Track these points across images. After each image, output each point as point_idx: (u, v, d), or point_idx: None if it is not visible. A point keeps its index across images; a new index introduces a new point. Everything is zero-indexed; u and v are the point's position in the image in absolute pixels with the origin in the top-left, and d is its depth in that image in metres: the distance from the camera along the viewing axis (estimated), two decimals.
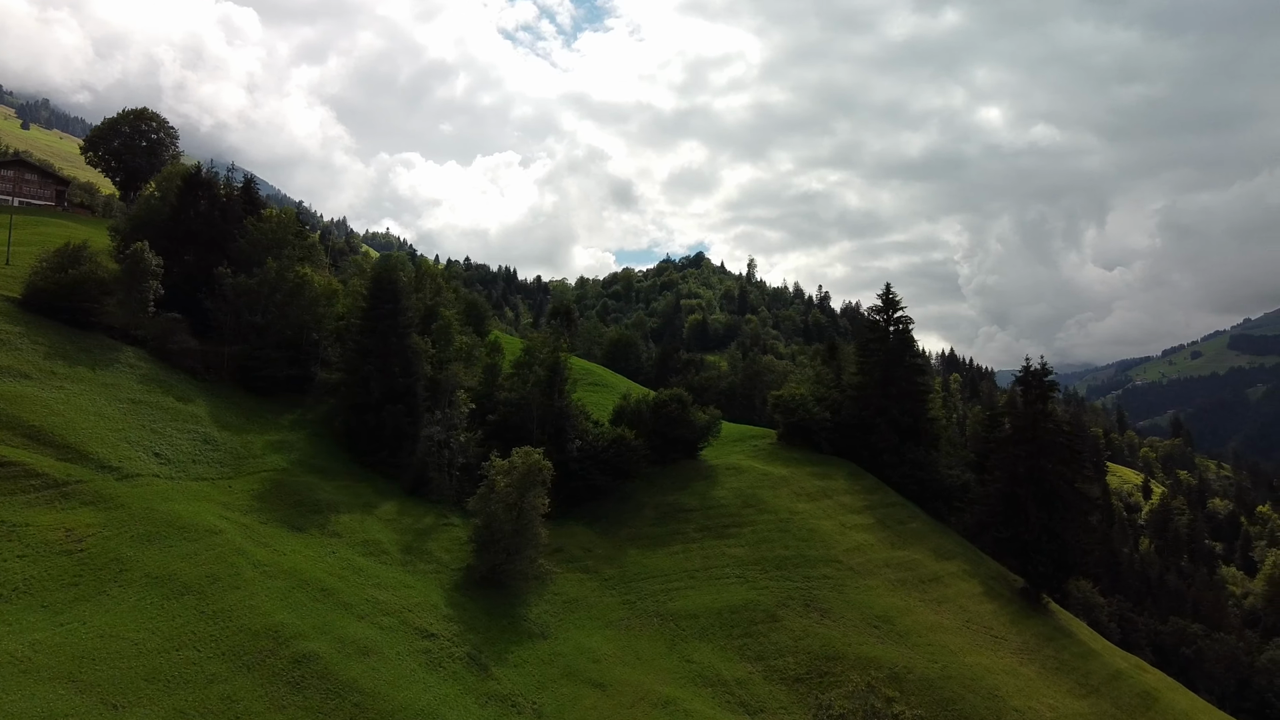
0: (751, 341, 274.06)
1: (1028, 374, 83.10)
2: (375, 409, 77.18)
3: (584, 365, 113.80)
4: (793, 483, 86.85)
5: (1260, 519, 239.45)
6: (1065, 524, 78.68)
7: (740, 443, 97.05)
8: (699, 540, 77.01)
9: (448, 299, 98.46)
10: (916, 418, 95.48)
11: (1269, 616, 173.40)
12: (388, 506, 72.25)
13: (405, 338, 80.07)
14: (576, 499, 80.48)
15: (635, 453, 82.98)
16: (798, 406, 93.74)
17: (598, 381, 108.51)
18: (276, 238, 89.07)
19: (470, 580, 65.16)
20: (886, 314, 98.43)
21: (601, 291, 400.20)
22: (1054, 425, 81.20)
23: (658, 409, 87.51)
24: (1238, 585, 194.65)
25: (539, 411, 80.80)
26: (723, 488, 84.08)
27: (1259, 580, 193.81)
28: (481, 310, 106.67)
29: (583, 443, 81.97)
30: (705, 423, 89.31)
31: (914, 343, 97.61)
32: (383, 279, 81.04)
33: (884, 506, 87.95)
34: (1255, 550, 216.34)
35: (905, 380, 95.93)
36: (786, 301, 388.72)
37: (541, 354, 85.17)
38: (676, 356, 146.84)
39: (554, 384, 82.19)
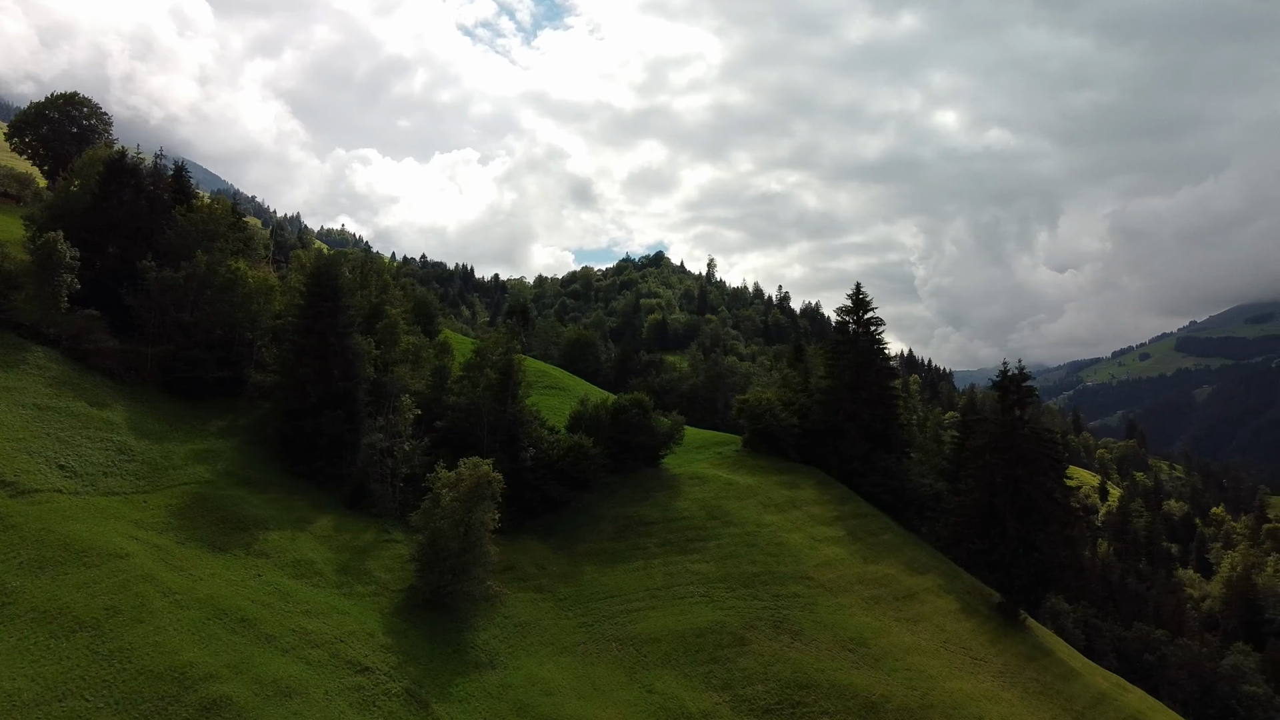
0: (712, 342, 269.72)
1: (1005, 379, 79.04)
2: (312, 415, 70.97)
3: (540, 367, 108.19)
4: (760, 493, 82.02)
5: (1214, 520, 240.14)
6: (1043, 536, 74.68)
7: (704, 450, 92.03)
8: (661, 555, 71.86)
9: (394, 297, 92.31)
10: (888, 424, 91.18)
11: (1227, 620, 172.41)
12: (324, 521, 66.15)
13: (346, 338, 73.92)
14: (530, 511, 74.97)
15: (593, 462, 77.62)
16: (764, 412, 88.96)
17: (554, 384, 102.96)
18: (208, 229, 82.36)
19: (413, 603, 59.42)
20: (856, 315, 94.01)
21: (560, 290, 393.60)
22: (1032, 433, 77.16)
23: (617, 415, 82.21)
24: (1195, 588, 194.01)
25: (490, 418, 75.11)
26: (686, 499, 78.99)
27: (1216, 583, 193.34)
28: (431, 308, 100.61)
29: (537, 451, 76.43)
30: (668, 429, 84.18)
31: (885, 346, 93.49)
32: (322, 275, 74.78)
33: (855, 517, 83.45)
34: (1211, 552, 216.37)
35: (876, 385, 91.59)
36: (746, 301, 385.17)
37: (493, 356, 79.47)
38: (636, 358, 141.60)
39: (506, 388, 76.53)
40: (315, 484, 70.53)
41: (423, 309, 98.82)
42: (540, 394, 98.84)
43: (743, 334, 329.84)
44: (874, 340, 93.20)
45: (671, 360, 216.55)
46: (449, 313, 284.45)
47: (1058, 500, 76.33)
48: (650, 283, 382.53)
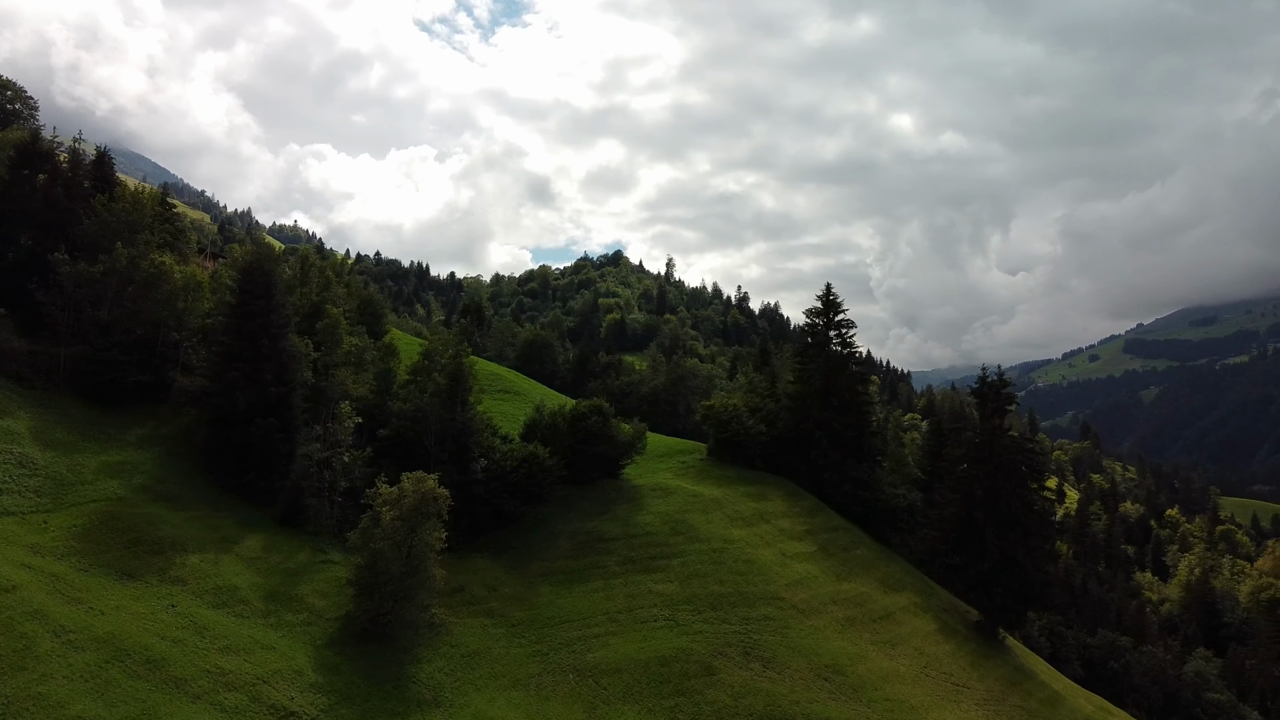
0: (671, 342, 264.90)
1: (984, 386, 74.92)
2: (242, 423, 64.62)
3: (494, 370, 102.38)
4: (726, 505, 77.10)
5: (1169, 523, 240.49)
6: (1025, 551, 70.67)
7: (667, 458, 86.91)
8: (622, 575, 66.59)
9: (337, 295, 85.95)
10: (860, 432, 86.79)
11: (1187, 625, 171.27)
12: (252, 541, 59.97)
13: (280, 339, 67.66)
14: (481, 527, 69.40)
15: (549, 473, 72.13)
16: (730, 419, 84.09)
17: (508, 388, 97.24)
18: (132, 220, 75.46)
19: (349, 633, 53.64)
20: (826, 317, 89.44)
21: (517, 289, 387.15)
22: (1013, 443, 73.13)
23: (575, 423, 76.78)
24: (1154, 591, 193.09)
25: (438, 426, 69.28)
26: (649, 512, 73.78)
27: (1174, 587, 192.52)
28: (378, 307, 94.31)
29: (489, 462, 70.79)
30: (629, 438, 78.92)
31: (856, 350, 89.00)
32: (254, 270, 68.38)
33: (826, 531, 78.90)
34: (1167, 555, 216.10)
35: (847, 390, 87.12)
36: (705, 302, 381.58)
37: (442, 359, 73.65)
38: (595, 359, 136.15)
39: (456, 393, 70.76)
40: (245, 499, 64.25)
41: (368, 308, 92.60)
42: (494, 399, 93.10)
43: (702, 334, 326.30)
44: (845, 344, 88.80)
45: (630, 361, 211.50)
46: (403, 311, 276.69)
47: (1039, 513, 72.41)
48: (609, 282, 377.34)
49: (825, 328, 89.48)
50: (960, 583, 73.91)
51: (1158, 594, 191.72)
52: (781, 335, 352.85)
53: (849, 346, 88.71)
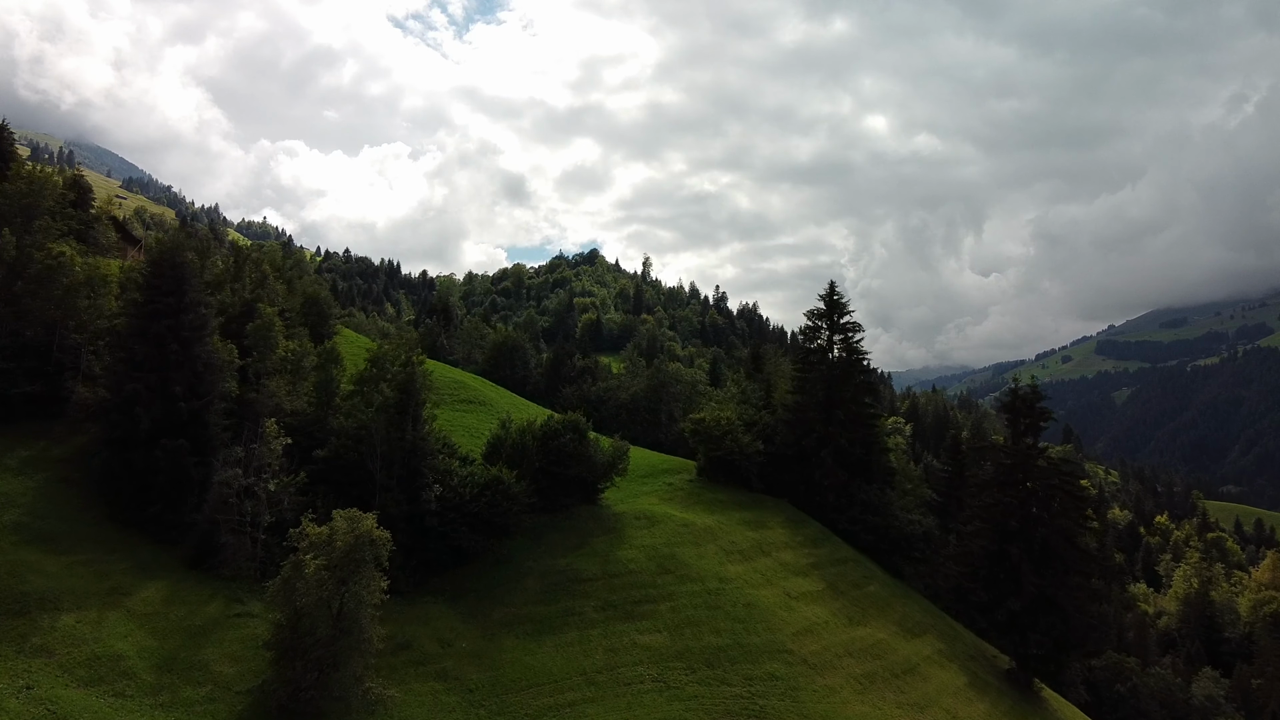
0: (649, 343, 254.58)
1: (1015, 399, 64.95)
2: (145, 444, 53.45)
3: (457, 377, 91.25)
4: (720, 536, 66.64)
5: (1160, 529, 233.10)
6: (1066, 590, 60.80)
7: (650, 479, 76.28)
8: (601, 623, 55.93)
9: (275, 292, 74.61)
10: (868, 449, 76.63)
11: (1188, 641, 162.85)
12: (151, 591, 48.89)
13: (194, 343, 56.44)
14: (435, 566, 58.54)
15: (515, 501, 61.27)
16: (724, 435, 73.58)
17: (473, 398, 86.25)
18: (27, 203, 63.88)
19: (263, 711, 42.66)
20: (829, 319, 79.12)
21: (491, 288, 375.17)
22: (1050, 466, 63.21)
23: (547, 441, 66.00)
24: (1149, 604, 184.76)
25: (384, 447, 58.25)
26: (632, 546, 63.13)
27: (1170, 599, 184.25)
28: (324, 305, 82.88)
29: (445, 489, 59.83)
30: (609, 457, 68.27)
31: (865, 356, 78.77)
32: (163, 262, 57.09)
33: (834, 564, 68.64)
34: (1160, 564, 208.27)
35: (854, 403, 76.93)
36: (682, 301, 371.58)
37: (392, 366, 62.63)
38: (570, 363, 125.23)
39: (406, 408, 59.75)
40: (148, 537, 53.15)
41: (314, 307, 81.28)
42: (455, 410, 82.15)
43: (680, 335, 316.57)
44: (851, 349, 78.55)
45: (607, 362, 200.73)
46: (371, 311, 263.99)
47: (1082, 547, 62.52)
48: (584, 281, 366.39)
49: (828, 331, 79.14)
50: (988, 624, 63.94)
51: (1153, 606, 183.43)
52: (761, 336, 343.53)
53: (855, 352, 78.52)
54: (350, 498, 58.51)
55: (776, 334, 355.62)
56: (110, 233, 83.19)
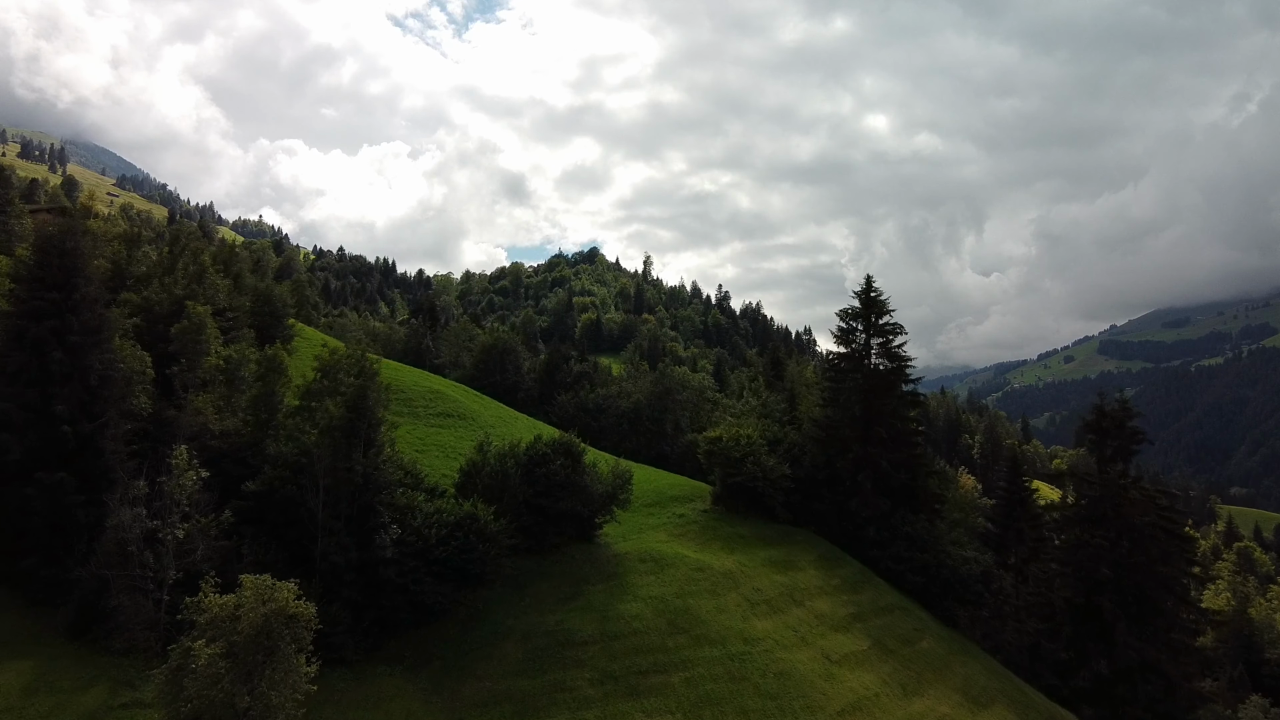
0: (650, 344, 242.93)
1: (1101, 418, 53.15)
2: (17, 479, 41.63)
3: (433, 386, 79.01)
4: (743, 581, 54.65)
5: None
6: (1169, 653, 48.93)
7: (658, 509, 64.25)
8: (599, 702, 44.02)
9: (214, 287, 62.68)
10: (913, 473, 64.72)
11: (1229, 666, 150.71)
12: (10, 675, 37.10)
13: (86, 351, 44.57)
14: (392, 626, 46.66)
15: (494, 543, 49.34)
16: (745, 457, 61.55)
17: (451, 410, 74.20)
18: None
19: None
20: (867, 320, 67.13)
21: (488, 287, 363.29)
22: (1146, 499, 51.35)
23: (533, 468, 54.01)
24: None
25: (328, 478, 46.30)
26: (636, 597, 51.13)
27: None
28: (276, 305, 70.41)
29: (405, 530, 47.87)
30: (608, 486, 56.27)
31: (907, 363, 66.82)
32: (50, 249, 45.16)
33: (878, 613, 56.64)
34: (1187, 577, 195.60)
35: (896, 418, 65.09)
36: (684, 301, 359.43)
37: (344, 380, 50.62)
38: (566, 368, 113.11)
39: (357, 429, 47.77)
40: (20, 598, 41.37)
41: (265, 305, 69.24)
42: (430, 426, 70.23)
43: (682, 335, 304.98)
44: (891, 355, 66.67)
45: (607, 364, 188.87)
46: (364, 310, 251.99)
47: (1188, 599, 50.63)
48: (584, 280, 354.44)
49: (864, 333, 67.15)
50: (1070, 690, 52.02)
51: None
52: (766, 336, 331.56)
53: (897, 359, 66.61)
54: (286, 542, 46.83)
55: (781, 334, 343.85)
56: (26, 220, 71.17)
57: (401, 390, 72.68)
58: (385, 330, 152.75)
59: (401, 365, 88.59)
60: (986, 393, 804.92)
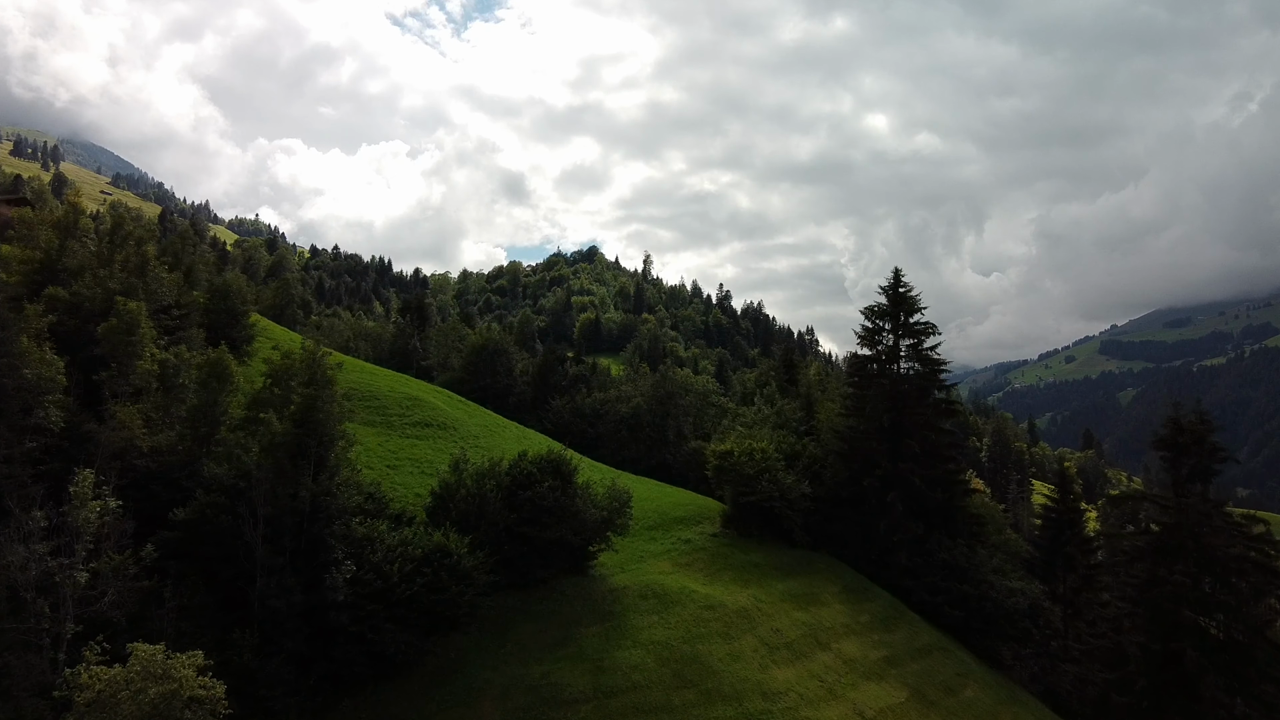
0: (650, 344, 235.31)
1: (1178, 431, 45.30)
2: None
3: (410, 392, 70.88)
4: (760, 620, 46.99)
5: None
6: (1262, 709, 41.22)
7: (661, 532, 56.48)
8: None
9: (158, 280, 54.90)
10: (950, 491, 57.11)
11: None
12: None
13: None
14: (346, 682, 38.99)
15: (469, 580, 41.70)
16: (760, 474, 53.87)
17: (431, 419, 66.33)
18: None
19: None
20: (895, 319, 59.43)
21: (485, 286, 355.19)
22: (1229, 526, 43.69)
23: (516, 490, 46.31)
24: None
25: (269, 507, 38.56)
26: (637, 643, 43.45)
27: None
28: (234, 301, 62.52)
29: (363, 567, 40.12)
30: (605, 509, 48.54)
31: (942, 367, 59.13)
32: None
33: (915, 655, 48.97)
34: None
35: (930, 429, 57.49)
36: (685, 300, 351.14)
37: (295, 387, 42.89)
38: (562, 370, 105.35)
39: (305, 449, 40.06)
40: None
41: (220, 301, 61.49)
42: (408, 438, 62.48)
43: (682, 335, 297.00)
44: (924, 359, 59.01)
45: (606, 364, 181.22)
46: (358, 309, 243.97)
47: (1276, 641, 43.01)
48: (583, 279, 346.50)
49: (893, 334, 59.45)
50: None
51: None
52: (768, 336, 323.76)
53: (930, 362, 58.98)
54: (220, 582, 39.15)
55: (784, 334, 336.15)
56: None
57: (375, 397, 65.01)
58: (377, 330, 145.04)
59: (379, 369, 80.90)
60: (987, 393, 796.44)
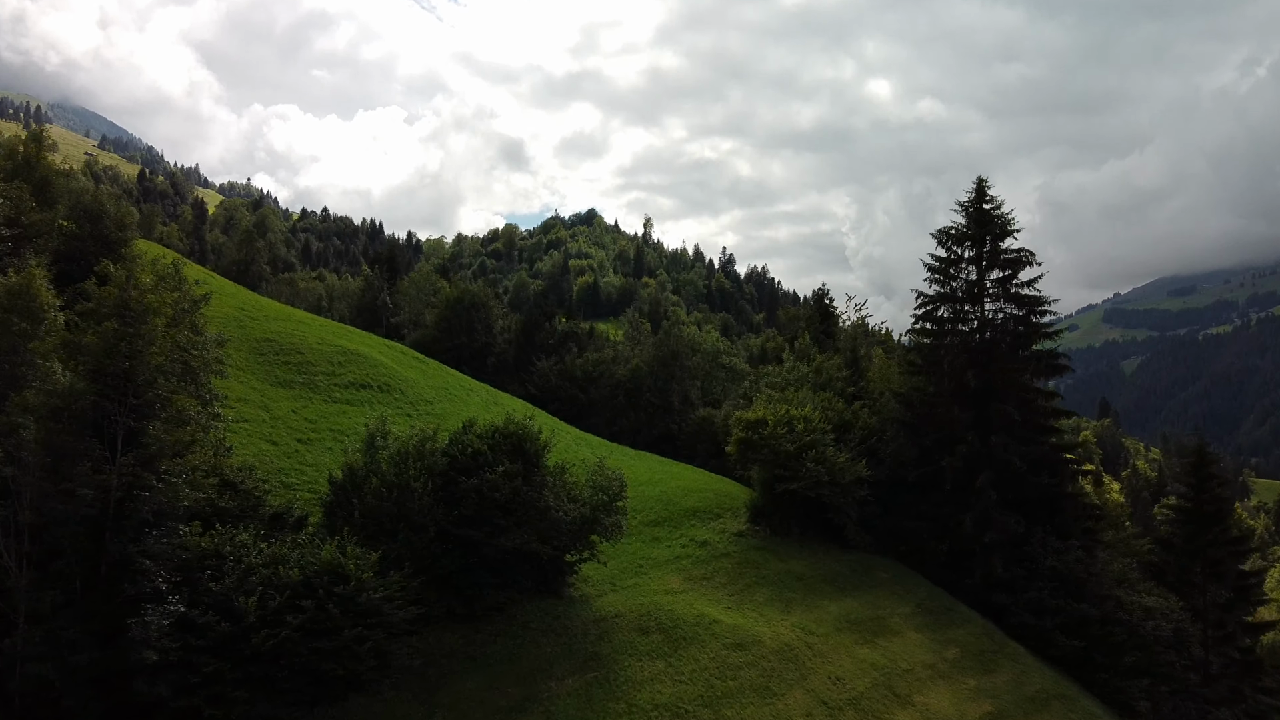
0: (652, 307, 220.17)
1: None
2: None
3: (347, 345, 53.60)
4: (811, 665, 32.07)
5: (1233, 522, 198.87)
6: None
7: (667, 529, 41.29)
8: None
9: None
10: (1057, 476, 42.10)
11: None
12: None
13: None
14: None
15: (376, 617, 26.66)
16: (802, 450, 38.74)
17: (369, 379, 50.14)
18: None
19: None
20: (978, 244, 43.99)
21: (480, 250, 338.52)
22: None
23: (455, 479, 31.06)
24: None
25: (35, 513, 23.51)
26: (634, 707, 28.44)
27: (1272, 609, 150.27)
28: (106, 221, 46.25)
29: (198, 604, 25.06)
30: (590, 504, 33.23)
31: (1043, 307, 43.80)
32: None
33: (1028, 709, 34.06)
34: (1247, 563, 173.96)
35: (1026, 392, 42.45)
36: (687, 265, 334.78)
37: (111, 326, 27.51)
38: (548, 327, 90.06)
39: (105, 419, 24.92)
40: None
41: (90, 224, 45.86)
42: (334, 402, 47.09)
43: (684, 300, 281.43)
44: (1021, 299, 43.70)
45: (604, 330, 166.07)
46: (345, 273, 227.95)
47: None
48: (580, 242, 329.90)
49: (976, 265, 44.04)
50: None
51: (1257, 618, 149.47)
52: (774, 301, 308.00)
53: (1028, 305, 43.69)
54: None
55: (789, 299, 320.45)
56: None
57: (297, 350, 49.71)
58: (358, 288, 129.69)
59: (311, 318, 65.20)
60: None
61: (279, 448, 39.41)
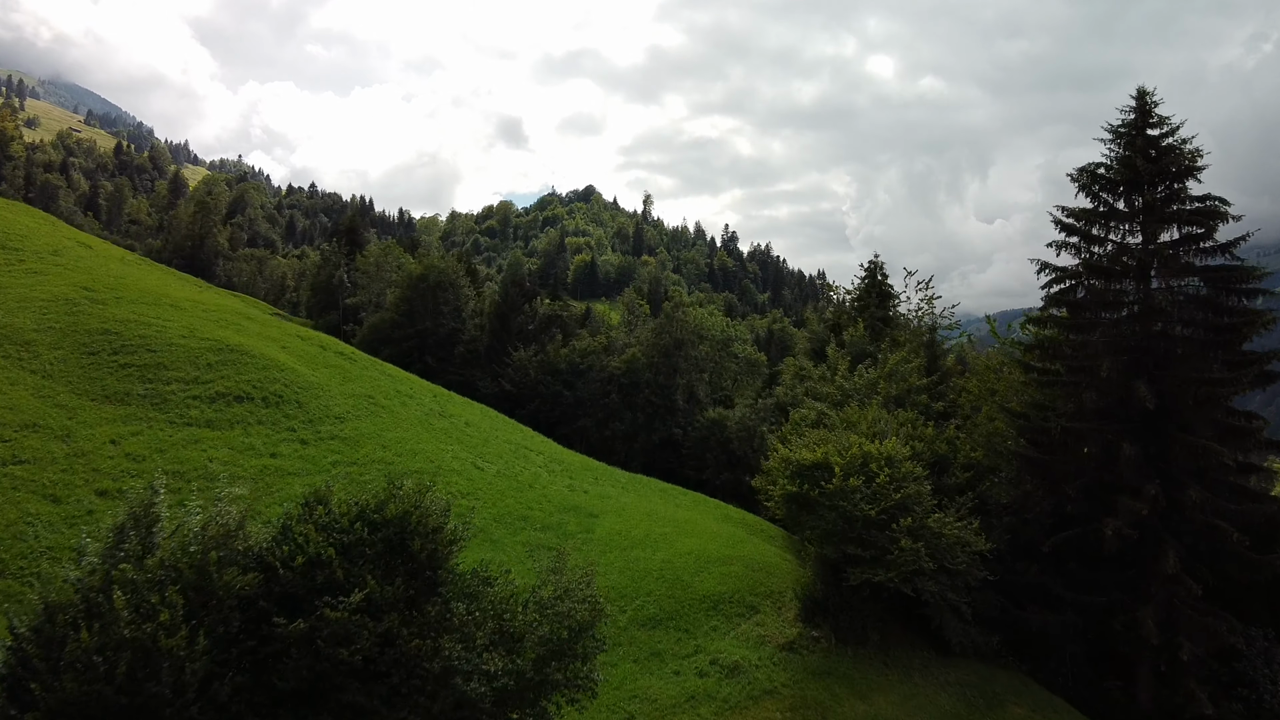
0: (651, 286, 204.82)
1: None
2: None
3: (227, 340, 38.06)
4: None
5: None
6: None
7: (673, 634, 25.94)
8: None
9: None
10: (1276, 531, 27.44)
11: None
12: None
13: None
14: None
15: None
16: (888, 517, 23.77)
17: (252, 391, 34.25)
18: None
19: None
20: (1137, 194, 28.90)
21: (474, 227, 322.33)
22: None
23: (268, 616, 16.07)
24: None
25: None
26: None
27: None
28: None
29: None
30: (528, 663, 18.09)
31: (1246, 286, 28.85)
32: None
33: None
34: None
35: (1230, 421, 27.65)
36: (687, 243, 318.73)
37: None
38: (529, 308, 74.70)
39: None
40: None
41: None
42: (197, 425, 32.05)
43: (685, 279, 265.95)
44: (1213, 276, 28.68)
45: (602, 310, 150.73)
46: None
47: None
48: (578, 220, 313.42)
49: (1138, 222, 28.99)
50: None
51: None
52: (778, 280, 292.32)
53: (1224, 284, 28.71)
54: None
55: (794, 278, 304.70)
56: None
57: (148, 348, 34.49)
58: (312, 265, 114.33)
59: (190, 304, 49.33)
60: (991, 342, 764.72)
61: (61, 508, 24.45)
